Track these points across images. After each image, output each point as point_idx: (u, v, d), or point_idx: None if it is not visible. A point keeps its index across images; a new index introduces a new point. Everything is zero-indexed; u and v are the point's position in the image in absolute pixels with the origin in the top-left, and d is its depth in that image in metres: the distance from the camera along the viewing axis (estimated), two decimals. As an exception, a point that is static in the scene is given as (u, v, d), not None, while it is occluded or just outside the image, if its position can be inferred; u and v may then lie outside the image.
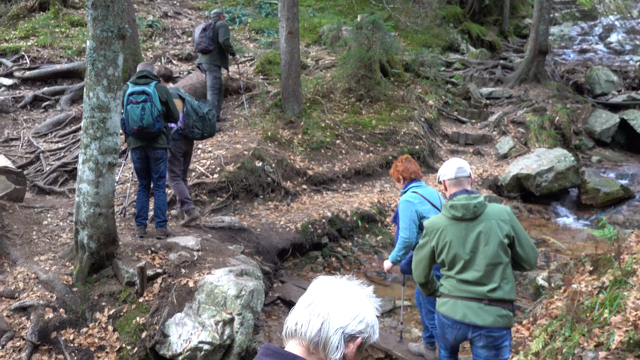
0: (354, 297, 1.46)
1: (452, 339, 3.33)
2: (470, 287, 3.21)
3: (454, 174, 3.40)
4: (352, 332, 1.43)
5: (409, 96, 11.51)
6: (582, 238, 7.63)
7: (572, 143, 11.20)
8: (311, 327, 1.41)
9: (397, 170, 4.45)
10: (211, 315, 4.60)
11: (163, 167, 5.87)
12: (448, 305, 3.29)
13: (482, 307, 3.17)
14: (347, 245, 7.34)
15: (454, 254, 3.24)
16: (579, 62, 15.46)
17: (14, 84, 10.41)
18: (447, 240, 3.25)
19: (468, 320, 3.18)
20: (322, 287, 1.48)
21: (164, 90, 5.74)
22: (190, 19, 14.48)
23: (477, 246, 3.21)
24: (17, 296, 4.74)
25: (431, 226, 3.35)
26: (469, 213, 3.22)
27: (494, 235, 3.20)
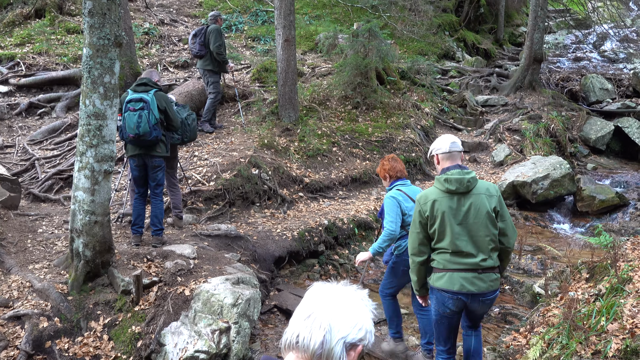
0: (352, 305, 1.45)
1: (454, 307, 3.49)
2: (463, 259, 3.40)
3: (448, 147, 3.59)
4: (353, 340, 1.42)
5: (405, 104, 11.54)
6: (578, 245, 7.64)
7: (568, 150, 11.26)
8: (314, 339, 1.39)
9: (384, 168, 4.64)
10: (207, 324, 4.57)
11: (161, 175, 5.87)
12: (444, 279, 3.45)
13: (477, 276, 3.40)
14: (343, 252, 7.33)
15: (445, 225, 3.40)
16: (574, 70, 15.56)
17: (9, 91, 10.38)
18: (440, 211, 3.39)
19: (466, 290, 3.39)
20: (319, 296, 1.46)
21: (164, 98, 5.74)
22: (187, 27, 14.50)
23: (468, 218, 3.40)
24: (11, 305, 4.70)
25: (424, 198, 3.48)
26: (462, 187, 3.41)
27: (483, 208, 3.40)
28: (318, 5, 16.80)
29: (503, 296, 6.26)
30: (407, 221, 4.39)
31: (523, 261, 7.05)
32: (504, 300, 6.14)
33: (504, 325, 5.57)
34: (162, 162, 5.85)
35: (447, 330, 3.66)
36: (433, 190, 3.52)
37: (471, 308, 3.53)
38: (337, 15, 16.26)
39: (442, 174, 3.53)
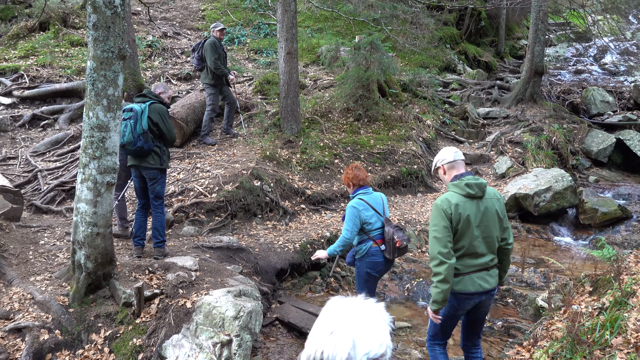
0: (373, 320, 1.45)
1: (470, 307, 3.70)
2: (477, 260, 3.60)
3: (452, 157, 3.74)
4: (375, 356, 1.42)
5: (406, 116, 11.58)
6: (581, 258, 7.61)
7: (569, 163, 11.26)
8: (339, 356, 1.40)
9: (348, 177, 4.89)
10: (209, 337, 4.54)
11: (159, 187, 5.85)
12: (462, 282, 3.60)
13: (487, 273, 3.65)
14: (345, 265, 7.30)
15: (467, 228, 3.54)
16: (575, 83, 15.62)
17: (13, 103, 10.44)
18: (465, 215, 3.53)
19: (482, 289, 3.62)
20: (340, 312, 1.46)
21: (158, 110, 5.74)
22: (190, 39, 14.61)
23: (483, 221, 3.59)
24: (12, 317, 4.68)
25: (447, 202, 3.56)
26: (480, 191, 3.60)
27: (493, 212, 3.64)
28: (320, 18, 16.93)
29: (506, 309, 6.22)
30: (367, 228, 4.72)
31: (526, 274, 7.02)
32: (507, 314, 6.10)
33: (507, 338, 5.53)
34: (156, 174, 5.82)
35: (452, 327, 3.88)
36: (452, 195, 3.60)
37: (484, 304, 3.74)
38: (339, 28, 16.37)
39: (457, 180, 3.65)
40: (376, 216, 4.76)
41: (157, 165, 5.79)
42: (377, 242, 4.74)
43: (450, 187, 3.67)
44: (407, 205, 9.36)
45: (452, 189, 3.64)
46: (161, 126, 5.73)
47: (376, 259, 4.74)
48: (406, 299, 6.61)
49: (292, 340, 5.58)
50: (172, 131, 5.86)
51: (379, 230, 4.77)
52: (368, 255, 4.74)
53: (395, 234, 4.70)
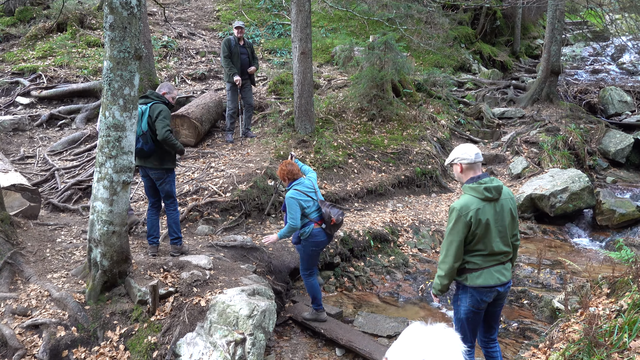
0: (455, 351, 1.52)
1: (490, 299, 3.81)
2: (495, 257, 3.74)
3: (473, 158, 3.76)
4: None
5: (421, 116, 11.52)
6: (598, 260, 7.51)
7: (586, 163, 11.12)
8: None
9: (283, 173, 5.49)
10: (223, 335, 4.56)
11: (167, 187, 5.85)
12: (482, 276, 3.73)
13: (504, 267, 3.81)
14: (359, 265, 7.29)
15: (488, 231, 3.66)
16: (592, 83, 15.42)
17: (31, 103, 10.60)
18: (485, 219, 3.64)
19: (500, 281, 3.76)
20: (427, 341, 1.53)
21: (157, 110, 5.63)
22: (204, 40, 14.69)
23: (499, 221, 3.71)
24: (29, 314, 4.74)
25: (465, 208, 3.64)
26: (497, 194, 3.70)
27: (507, 210, 3.77)
28: (334, 18, 16.92)
29: (521, 310, 6.16)
30: (307, 212, 5.35)
31: (542, 275, 6.94)
32: (523, 315, 6.04)
33: (523, 340, 5.47)
34: (161, 175, 5.78)
35: (476, 326, 3.92)
36: (470, 199, 3.68)
37: (501, 296, 3.88)
38: (353, 28, 16.35)
39: (472, 183, 3.71)
40: (312, 201, 5.43)
41: (160, 166, 5.76)
42: (317, 223, 5.42)
43: (467, 190, 3.72)
44: (421, 205, 9.31)
45: (471, 192, 3.69)
46: (156, 124, 5.59)
47: (319, 238, 5.43)
48: (420, 300, 6.58)
49: (306, 340, 5.58)
50: (164, 129, 5.59)
51: (316, 212, 5.44)
52: (312, 236, 5.38)
53: (331, 213, 5.46)
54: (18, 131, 9.70)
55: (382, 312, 6.18)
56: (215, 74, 12.67)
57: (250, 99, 9.71)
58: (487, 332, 4.13)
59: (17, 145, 9.33)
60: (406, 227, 8.27)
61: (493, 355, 4.14)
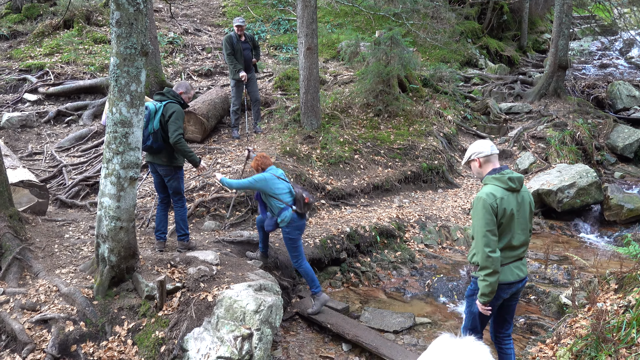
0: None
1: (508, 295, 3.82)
2: (514, 252, 3.73)
3: (489, 151, 3.78)
4: None
5: (427, 111, 11.48)
6: (606, 255, 7.47)
7: (594, 158, 11.05)
8: None
9: (258, 163, 5.80)
10: (230, 330, 4.58)
11: (175, 184, 5.86)
12: (503, 273, 3.68)
13: (522, 263, 3.81)
14: (365, 260, 7.29)
15: (511, 221, 3.65)
16: (600, 77, 15.31)
17: (39, 100, 10.65)
18: (509, 208, 3.63)
19: (520, 277, 3.77)
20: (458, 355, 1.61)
21: (171, 109, 5.63)
22: (210, 36, 14.70)
23: (521, 213, 3.72)
24: (38, 309, 4.78)
25: (491, 197, 3.61)
26: (520, 185, 3.72)
27: (527, 204, 3.77)
28: (340, 13, 16.87)
29: (529, 306, 6.15)
30: (278, 194, 5.58)
31: (549, 271, 6.92)
32: (530, 311, 6.02)
33: (530, 336, 5.46)
34: (170, 172, 5.79)
35: (487, 320, 3.95)
36: (494, 188, 3.66)
37: (518, 291, 3.90)
38: (359, 23, 16.30)
39: (496, 174, 3.70)
40: (284, 184, 5.67)
41: (169, 163, 5.76)
42: (292, 207, 5.62)
43: (490, 181, 3.71)
44: (428, 201, 9.29)
45: (494, 182, 3.68)
46: (169, 125, 5.58)
47: (299, 221, 5.65)
48: (427, 295, 6.57)
49: (313, 335, 5.60)
50: (177, 132, 5.60)
51: (289, 195, 5.66)
52: (292, 221, 5.58)
53: (303, 193, 5.69)
54: (26, 128, 9.76)
55: (389, 308, 6.19)
56: (221, 70, 12.67)
57: (257, 93, 9.73)
58: (502, 328, 4.11)
59: (25, 142, 9.39)
60: (412, 222, 8.26)
61: (507, 352, 4.10)
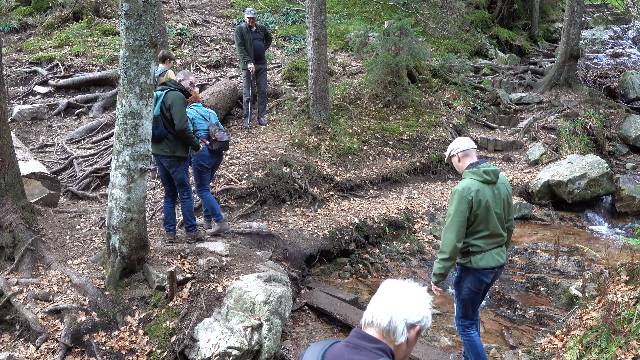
0: (414, 295, 1.92)
1: (490, 280, 4.08)
2: (494, 239, 4.00)
3: (467, 146, 4.06)
4: (412, 322, 1.88)
5: (436, 102, 11.42)
6: (617, 247, 7.41)
7: (606, 149, 10.93)
8: (383, 319, 1.88)
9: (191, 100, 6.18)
10: (240, 321, 4.62)
11: (179, 175, 5.84)
12: (485, 259, 3.97)
13: (501, 249, 4.08)
14: (374, 252, 7.30)
15: (487, 212, 3.90)
16: (612, 67, 15.10)
17: (49, 92, 10.71)
18: (485, 200, 3.88)
19: (499, 263, 4.03)
20: (391, 289, 1.95)
21: (173, 97, 5.62)
22: (219, 27, 14.68)
23: (497, 204, 3.96)
24: (51, 299, 4.85)
25: (467, 190, 3.87)
26: (495, 177, 3.98)
27: (505, 196, 4.03)
28: (349, 3, 16.77)
29: (538, 297, 6.13)
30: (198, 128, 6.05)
31: (559, 262, 6.89)
32: (539, 302, 6.01)
33: (539, 327, 5.45)
34: (173, 163, 5.76)
35: (476, 304, 4.18)
36: (471, 181, 3.92)
37: (497, 276, 4.17)
38: (367, 13, 16.20)
39: (472, 168, 3.98)
40: (203, 120, 6.12)
41: (170, 153, 5.71)
42: (204, 140, 6.01)
43: (467, 174, 3.98)
44: (437, 192, 9.27)
45: (471, 175, 3.95)
46: (174, 113, 5.59)
47: (204, 153, 6.03)
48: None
49: (322, 326, 5.63)
50: (183, 118, 5.62)
51: (205, 132, 6.06)
52: (201, 152, 6.00)
53: (216, 132, 6.05)
54: (37, 120, 9.83)
55: (398, 299, 6.19)
56: (230, 61, 12.66)
57: (264, 86, 9.73)
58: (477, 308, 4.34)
59: (36, 134, 9.47)
60: (422, 214, 8.24)
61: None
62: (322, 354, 1.89)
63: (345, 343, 1.89)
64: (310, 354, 1.92)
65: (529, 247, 7.49)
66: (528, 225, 8.49)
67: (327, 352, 1.89)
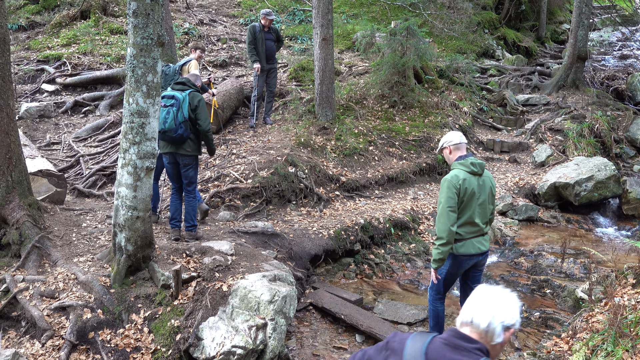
0: (509, 300, 2.10)
1: (469, 266, 4.43)
2: (475, 228, 4.32)
3: (459, 140, 4.40)
4: (508, 324, 2.06)
5: (443, 103, 11.39)
6: (624, 250, 7.38)
7: (613, 151, 10.87)
8: (483, 321, 2.05)
9: None
10: (244, 320, 4.62)
11: (192, 173, 5.98)
12: (465, 246, 4.30)
13: (483, 238, 4.41)
14: (379, 252, 7.28)
15: (471, 200, 4.24)
16: (620, 69, 15.01)
17: (56, 90, 10.76)
18: (470, 189, 4.23)
19: (479, 250, 4.35)
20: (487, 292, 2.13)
21: (197, 99, 5.84)
22: (226, 26, 14.70)
23: (481, 194, 4.30)
24: (57, 296, 4.86)
25: (456, 178, 4.23)
26: (481, 169, 4.33)
27: (488, 188, 4.37)
28: (355, 4, 16.75)
29: (544, 300, 6.10)
30: None
31: (565, 265, 6.86)
32: (545, 304, 5.98)
33: (545, 329, 5.42)
34: (191, 161, 5.95)
35: (450, 285, 4.61)
36: (459, 171, 4.27)
37: (480, 264, 4.52)
38: (374, 13, 16.17)
39: (462, 160, 4.32)
40: None
41: (193, 152, 5.92)
42: None
43: (456, 165, 4.33)
44: (443, 193, 9.23)
45: (459, 166, 4.30)
46: (199, 114, 5.82)
47: None
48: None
49: (326, 326, 5.62)
50: (207, 120, 5.96)
51: None
52: None
53: None
54: (44, 118, 9.87)
55: (403, 300, 6.19)
56: (237, 60, 12.68)
57: (274, 86, 9.77)
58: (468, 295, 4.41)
59: (43, 132, 9.51)
60: (427, 214, 8.22)
61: None
62: (424, 350, 2.02)
63: (444, 341, 2.05)
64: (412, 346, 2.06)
65: (534, 249, 7.46)
66: (534, 227, 8.45)
67: (429, 348, 2.02)
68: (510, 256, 7.35)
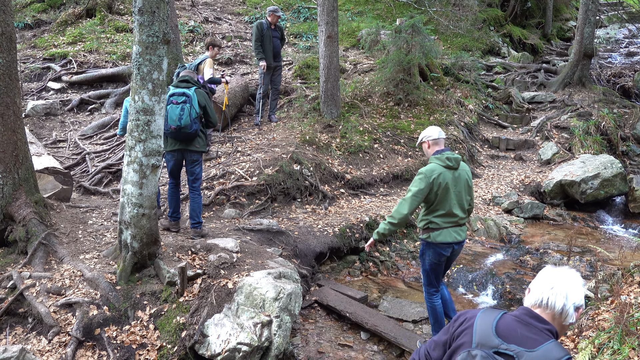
0: (577, 280, 2.17)
1: (448, 254, 4.62)
2: (452, 218, 4.54)
3: (437, 135, 4.60)
4: (578, 305, 2.14)
5: (448, 100, 11.36)
6: (630, 247, 7.34)
7: (619, 149, 10.82)
8: (557, 302, 2.12)
9: None
10: (250, 317, 4.63)
11: (198, 169, 6.03)
12: (442, 234, 4.53)
13: (460, 228, 4.63)
14: (384, 250, 7.28)
15: (446, 193, 4.45)
16: (626, 66, 14.94)
17: (62, 88, 10.81)
18: (445, 182, 4.43)
19: (457, 239, 4.58)
20: (556, 274, 2.18)
21: (202, 95, 5.95)
22: (230, 24, 14.71)
23: (457, 187, 4.50)
24: (63, 293, 4.89)
25: (430, 171, 4.43)
26: (456, 164, 4.52)
27: (464, 181, 4.57)
28: (360, 1, 16.72)
29: (549, 298, 6.07)
30: None
31: (571, 263, 6.83)
32: (551, 303, 5.95)
33: (551, 328, 5.40)
34: (199, 157, 6.05)
35: (438, 274, 4.76)
36: (435, 166, 4.47)
37: (455, 252, 4.71)
38: (379, 11, 16.15)
39: (438, 155, 4.51)
40: None
41: (202, 148, 6.00)
42: None
43: (433, 160, 4.53)
44: (448, 191, 9.22)
45: (435, 161, 4.50)
46: (208, 110, 5.94)
47: None
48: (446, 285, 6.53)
49: (331, 323, 5.63)
50: (215, 115, 6.05)
51: None
52: None
53: None
54: (50, 115, 9.92)
55: (408, 297, 6.18)
56: (242, 58, 12.69)
57: (278, 84, 9.76)
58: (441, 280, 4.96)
59: (49, 130, 9.55)
60: (432, 212, 8.20)
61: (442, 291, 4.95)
62: (495, 323, 2.06)
63: (515, 318, 2.11)
64: (482, 320, 2.10)
65: (540, 247, 7.44)
66: (540, 225, 8.43)
67: (499, 323, 2.06)
68: (516, 254, 7.33)
